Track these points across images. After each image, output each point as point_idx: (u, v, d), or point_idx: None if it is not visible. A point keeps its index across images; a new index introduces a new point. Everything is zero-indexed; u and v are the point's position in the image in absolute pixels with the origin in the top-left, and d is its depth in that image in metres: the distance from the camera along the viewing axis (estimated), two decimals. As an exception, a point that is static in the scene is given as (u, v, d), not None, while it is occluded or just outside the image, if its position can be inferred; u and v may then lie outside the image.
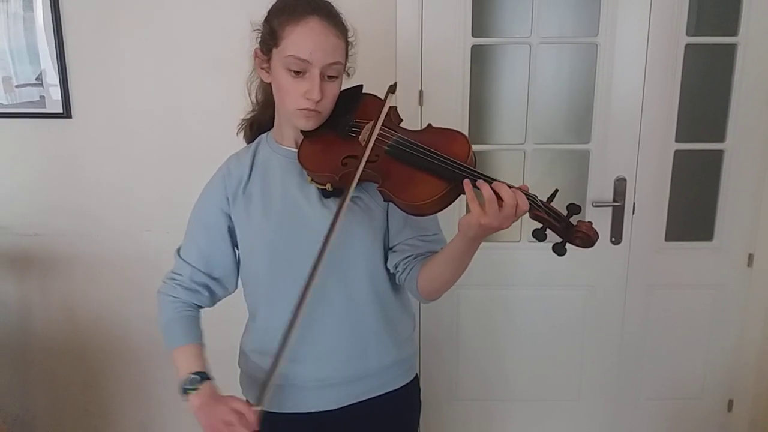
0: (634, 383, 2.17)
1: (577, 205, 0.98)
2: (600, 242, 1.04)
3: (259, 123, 1.30)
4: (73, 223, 2.03)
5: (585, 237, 0.97)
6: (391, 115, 1.19)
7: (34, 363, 2.15)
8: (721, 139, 1.99)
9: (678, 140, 1.97)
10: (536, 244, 1.94)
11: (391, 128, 1.14)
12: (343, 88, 1.20)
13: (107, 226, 2.03)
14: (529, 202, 0.98)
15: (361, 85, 1.24)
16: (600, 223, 1.85)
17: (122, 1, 1.86)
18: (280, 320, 1.17)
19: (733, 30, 1.90)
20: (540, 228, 0.99)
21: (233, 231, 1.24)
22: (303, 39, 1.09)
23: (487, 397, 2.20)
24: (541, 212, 0.98)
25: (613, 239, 2.04)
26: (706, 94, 2.06)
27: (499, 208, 0.96)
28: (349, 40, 1.18)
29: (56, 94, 1.91)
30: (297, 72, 1.10)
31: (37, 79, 1.91)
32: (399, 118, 1.21)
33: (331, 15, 1.13)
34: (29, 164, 1.99)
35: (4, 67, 1.90)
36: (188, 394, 1.14)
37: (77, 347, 2.13)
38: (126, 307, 2.08)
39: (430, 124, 1.16)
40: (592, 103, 1.95)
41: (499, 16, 2.07)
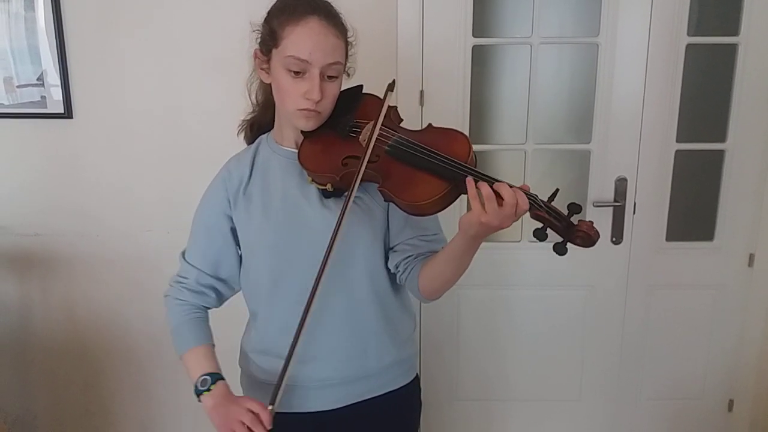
0: (635, 383, 2.17)
1: (577, 205, 0.98)
2: (600, 242, 1.04)
3: (260, 124, 1.30)
4: (73, 223, 2.03)
5: (586, 236, 0.97)
6: (392, 115, 1.19)
7: (35, 363, 2.15)
8: (722, 139, 1.99)
9: (679, 140, 1.97)
10: (537, 244, 1.95)
11: (391, 128, 1.14)
12: (343, 88, 1.20)
13: (108, 226, 2.03)
14: (530, 202, 0.98)
15: (361, 85, 1.24)
16: (601, 223, 1.86)
17: (123, 2, 1.87)
18: (281, 320, 1.17)
19: (734, 30, 1.90)
20: (541, 227, 0.99)
21: (236, 232, 1.24)
22: (302, 39, 1.09)
23: (488, 397, 2.20)
24: (542, 212, 0.98)
25: (614, 239, 2.04)
26: (706, 94, 2.06)
27: (499, 206, 0.96)
28: (349, 40, 1.17)
29: (57, 95, 1.92)
30: (297, 72, 1.10)
31: (38, 80, 1.91)
32: (399, 118, 1.21)
33: (331, 15, 1.13)
34: (30, 164, 1.99)
35: (6, 68, 1.91)
36: (201, 395, 1.14)
37: (78, 347, 2.13)
38: (126, 307, 2.08)
39: (430, 124, 1.16)
40: (593, 103, 1.95)
41: (500, 16, 2.07)
